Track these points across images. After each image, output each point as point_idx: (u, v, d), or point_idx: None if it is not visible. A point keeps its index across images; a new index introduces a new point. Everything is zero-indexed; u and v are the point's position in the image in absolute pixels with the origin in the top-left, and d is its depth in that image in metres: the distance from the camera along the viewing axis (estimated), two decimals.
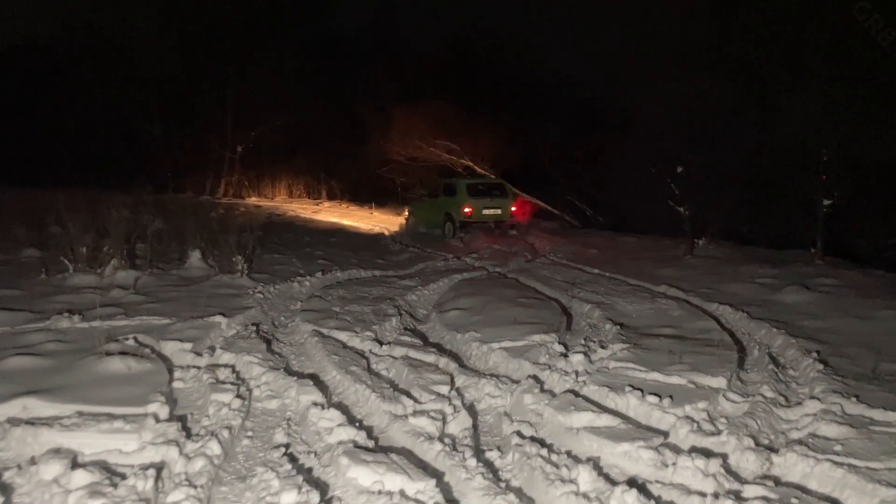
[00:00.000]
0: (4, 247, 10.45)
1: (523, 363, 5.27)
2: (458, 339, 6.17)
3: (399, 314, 7.11)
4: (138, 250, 10.11)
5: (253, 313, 6.63)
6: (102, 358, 4.41)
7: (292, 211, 23.65)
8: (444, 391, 4.61)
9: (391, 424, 4.00)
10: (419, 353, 5.46)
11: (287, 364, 5.12)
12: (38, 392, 3.78)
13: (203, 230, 10.12)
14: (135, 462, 3.20)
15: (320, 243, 13.61)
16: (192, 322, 5.82)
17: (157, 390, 4.00)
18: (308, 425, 3.89)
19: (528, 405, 4.42)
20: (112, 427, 3.41)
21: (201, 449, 3.30)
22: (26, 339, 5.05)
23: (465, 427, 4.06)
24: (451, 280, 9.54)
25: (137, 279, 7.68)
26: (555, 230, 18.36)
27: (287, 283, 8.42)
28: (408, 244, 14.78)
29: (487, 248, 13.93)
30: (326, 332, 6.01)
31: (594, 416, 4.07)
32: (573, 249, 13.75)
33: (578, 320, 7.14)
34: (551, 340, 5.82)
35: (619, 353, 5.40)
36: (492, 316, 6.80)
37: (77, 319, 5.72)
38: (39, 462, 2.96)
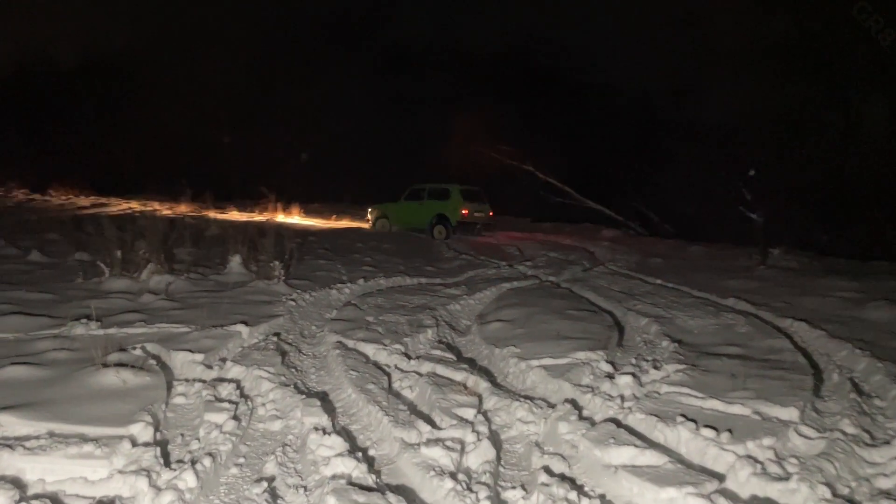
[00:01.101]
0: (59, 251, 10.53)
1: (563, 384, 4.70)
2: (496, 354, 5.64)
3: (437, 325, 6.62)
4: (186, 255, 10.03)
5: (280, 322, 6.27)
6: (99, 370, 4.09)
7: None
8: (469, 415, 4.09)
9: (401, 454, 3.52)
10: (448, 370, 4.96)
11: (302, 380, 4.70)
12: (17, 408, 3.46)
13: (247, 235, 9.89)
14: (96, 494, 2.83)
15: (371, 249, 13.29)
16: (210, 331, 5.49)
17: (148, 408, 3.64)
18: (306, 453, 3.45)
19: (563, 435, 3.86)
20: (81, 451, 3.04)
21: (174, 481, 2.89)
22: (33, 346, 4.81)
23: (487, 459, 3.53)
24: (500, 289, 9.00)
25: (170, 284, 7.46)
26: (618, 238, 17.56)
27: (325, 291, 8.06)
28: (462, 251, 14.31)
29: (543, 256, 13.35)
30: (352, 344, 5.59)
31: (637, 453, 3.47)
32: (635, 258, 13.00)
33: (632, 335, 6.49)
34: (597, 358, 5.22)
35: (673, 376, 4.75)
36: (536, 329, 6.24)
37: (94, 326, 5.48)
38: None
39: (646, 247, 15.12)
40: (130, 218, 14.05)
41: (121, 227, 8.48)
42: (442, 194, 18.30)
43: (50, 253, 10.10)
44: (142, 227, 8.39)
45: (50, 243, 11.53)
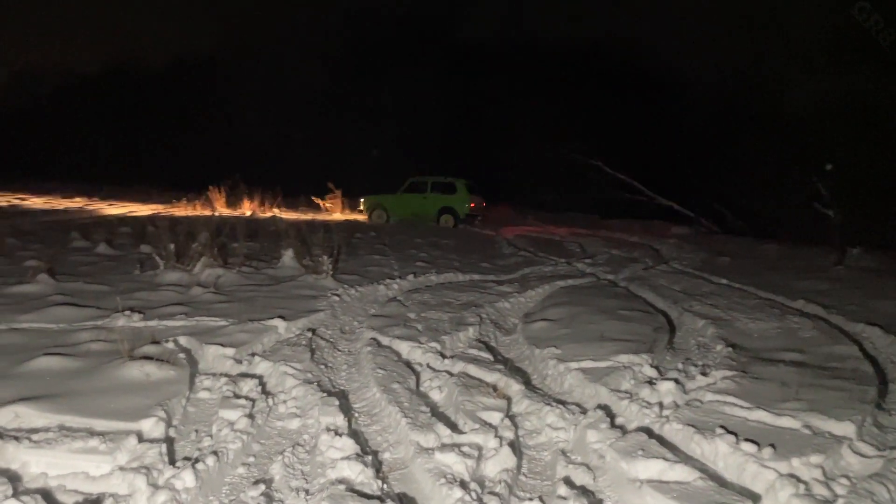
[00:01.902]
0: (126, 244, 10.90)
1: (600, 389, 4.45)
2: (536, 354, 5.42)
3: (480, 323, 6.44)
4: (244, 249, 10.20)
5: (320, 317, 6.22)
6: (125, 363, 4.12)
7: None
8: (495, 419, 3.90)
9: (414, 459, 3.37)
10: (481, 371, 4.78)
11: (330, 377, 4.62)
12: (36, 399, 3.50)
13: (300, 229, 9.97)
14: (93, 490, 2.80)
15: (429, 245, 13.21)
16: (247, 325, 5.49)
17: (164, 403, 3.62)
18: (316, 454, 3.35)
19: (591, 443, 3.62)
20: (86, 446, 3.03)
21: (172, 480, 2.84)
22: (73, 337, 4.91)
23: (506, 468, 3.33)
24: (553, 287, 8.73)
25: (220, 277, 7.56)
26: (686, 235, 16.89)
27: (373, 286, 7.99)
28: (521, 247, 14.05)
29: (605, 253, 12.95)
30: (386, 341, 5.48)
31: (666, 467, 3.21)
32: (702, 256, 12.43)
33: (686, 338, 6.13)
34: (641, 362, 4.93)
35: (720, 383, 4.42)
36: (581, 330, 5.98)
37: (136, 318, 5.57)
38: None
39: (715, 244, 14.45)
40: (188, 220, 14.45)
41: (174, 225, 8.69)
42: (448, 188, 19.64)
43: (118, 246, 10.46)
44: (198, 223, 8.54)
45: (120, 236, 11.98)
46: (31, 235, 11.90)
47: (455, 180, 19.83)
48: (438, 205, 19.55)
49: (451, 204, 19.44)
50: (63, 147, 35.13)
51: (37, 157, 34.64)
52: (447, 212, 19.46)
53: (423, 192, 19.81)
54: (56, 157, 34.36)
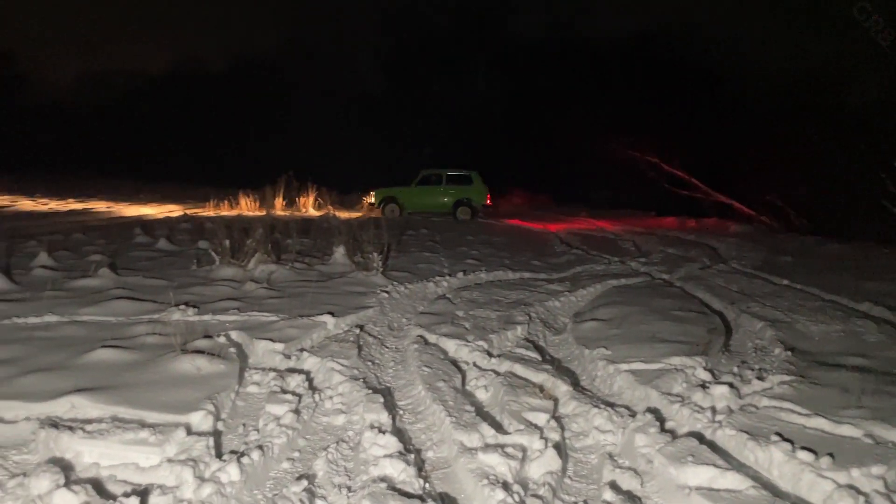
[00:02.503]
0: (185, 239, 11.22)
1: (650, 392, 4.34)
2: (585, 355, 5.33)
3: (529, 322, 6.37)
4: (297, 245, 10.38)
5: (369, 314, 6.26)
6: (178, 356, 4.22)
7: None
8: (541, 420, 3.84)
9: (457, 459, 3.34)
10: (528, 371, 4.72)
11: (377, 374, 4.63)
12: (92, 390, 3.62)
13: (352, 226, 10.06)
14: (142, 481, 2.87)
15: (480, 242, 13.17)
16: (297, 321, 5.56)
17: (213, 397, 3.69)
18: (359, 451, 3.35)
19: (640, 448, 3.53)
20: (136, 437, 3.11)
21: (217, 473, 2.88)
22: (129, 330, 5.06)
23: (551, 470, 3.28)
24: (605, 286, 8.57)
25: (272, 273, 7.69)
26: (746, 234, 16.38)
27: (422, 283, 8.00)
28: (574, 245, 13.87)
29: (660, 252, 12.66)
30: (434, 339, 5.47)
31: (717, 474, 3.09)
32: (762, 256, 12.02)
33: (743, 341, 5.93)
34: (694, 365, 4.79)
35: (777, 388, 4.25)
36: (632, 330, 5.85)
37: (191, 313, 5.71)
38: (32, 475, 2.70)
39: (776, 243, 13.97)
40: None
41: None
42: (464, 180, 19.70)
43: (177, 241, 10.77)
44: (252, 221, 8.70)
45: (179, 232, 12.33)
46: (97, 231, 12.37)
47: (470, 172, 19.81)
48: (455, 197, 19.54)
49: (468, 196, 19.49)
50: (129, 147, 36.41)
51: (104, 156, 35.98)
52: (464, 204, 19.47)
53: (438, 185, 19.78)
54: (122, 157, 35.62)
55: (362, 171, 31.04)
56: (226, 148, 34.78)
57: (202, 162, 34.75)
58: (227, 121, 37.52)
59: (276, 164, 29.88)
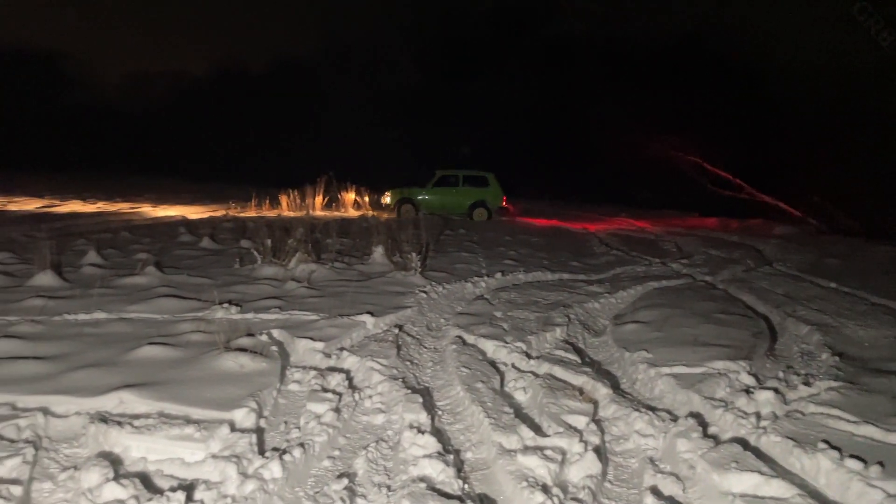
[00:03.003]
0: (227, 238, 11.42)
1: (693, 396, 4.27)
2: (626, 358, 5.27)
3: (568, 324, 6.33)
4: (337, 245, 10.49)
5: (407, 314, 6.29)
6: (221, 354, 4.29)
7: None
8: (580, 423, 3.82)
9: (496, 461, 3.34)
10: (567, 373, 4.69)
11: (415, 374, 4.65)
12: (139, 386, 3.71)
13: (390, 227, 10.12)
14: (187, 476, 2.93)
15: (518, 243, 13.12)
16: (337, 320, 5.61)
17: (256, 394, 3.75)
18: (399, 451, 3.37)
19: (681, 453, 3.48)
20: (182, 433, 3.18)
21: (260, 470, 2.93)
22: (175, 327, 5.17)
23: (590, 474, 3.25)
24: (646, 288, 8.46)
25: (313, 272, 7.77)
26: (792, 235, 16.00)
27: (460, 283, 8.01)
28: (613, 246, 13.72)
29: (703, 253, 12.46)
30: (472, 339, 5.47)
31: (762, 481, 3.03)
32: (809, 258, 11.73)
33: (788, 345, 5.80)
34: (738, 369, 4.70)
35: (824, 394, 4.15)
36: (674, 333, 5.77)
37: (234, 311, 5.81)
38: (83, 468, 2.78)
39: (823, 245, 13.63)
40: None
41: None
42: (480, 181, 19.60)
43: (220, 241, 10.97)
44: (292, 221, 8.82)
45: (222, 231, 12.56)
46: (143, 230, 12.67)
47: (486, 173, 19.75)
48: (471, 198, 19.44)
49: (485, 197, 19.42)
50: (174, 147, 37.22)
51: (150, 156, 36.84)
52: (480, 205, 19.37)
53: (454, 186, 19.66)
54: (167, 157, 36.41)
55: (399, 171, 31.26)
56: (266, 148, 35.32)
57: (244, 162, 35.35)
58: (267, 121, 38.12)
59: (315, 164, 30.22)
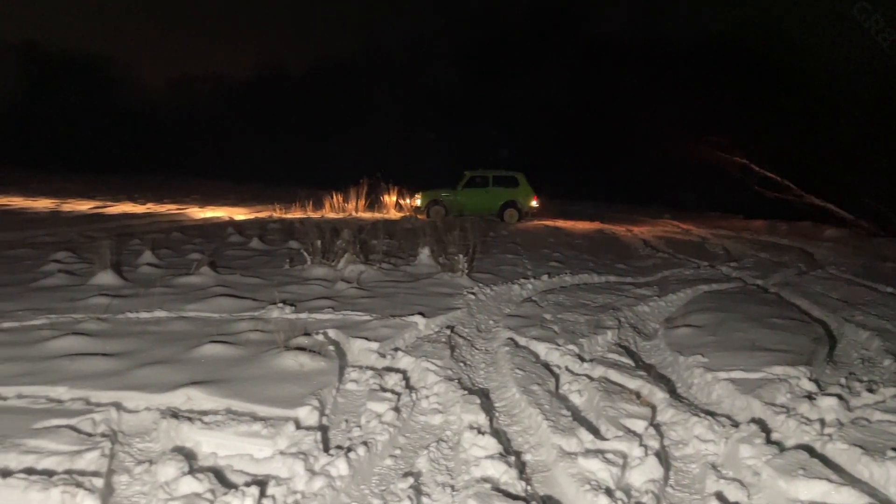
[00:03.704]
0: (275, 239, 11.62)
1: (753, 401, 4.21)
2: (680, 362, 5.22)
3: (619, 327, 6.28)
4: (382, 245, 10.59)
5: (457, 315, 6.32)
6: (281, 353, 4.38)
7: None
8: (639, 427, 3.79)
9: (556, 463, 3.34)
10: (622, 377, 4.66)
11: (469, 375, 4.68)
12: (205, 383, 3.81)
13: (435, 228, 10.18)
14: (257, 472, 3.00)
15: (562, 245, 13.07)
16: (389, 320, 5.68)
17: (317, 393, 3.82)
18: (459, 451, 3.40)
19: (745, 459, 3.43)
20: (250, 430, 3.26)
21: (327, 467, 2.99)
22: (233, 326, 5.29)
23: (652, 478, 3.24)
24: (696, 291, 8.36)
25: (362, 273, 7.86)
26: (843, 238, 15.61)
27: (507, 285, 8.01)
28: (659, 248, 13.57)
29: (752, 257, 12.26)
30: (524, 341, 5.47)
31: (830, 488, 2.98)
32: (863, 262, 11.44)
33: (848, 351, 5.67)
34: (798, 375, 4.61)
35: (890, 401, 4.05)
36: (729, 337, 5.68)
37: (288, 311, 5.91)
38: (159, 462, 2.87)
39: (878, 249, 13.26)
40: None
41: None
42: (510, 182, 19.43)
43: (268, 241, 11.17)
44: (337, 223, 8.93)
45: (269, 232, 12.78)
46: (193, 231, 12.96)
47: (516, 174, 19.58)
48: (502, 199, 19.26)
49: (515, 198, 19.24)
50: (218, 149, 37.96)
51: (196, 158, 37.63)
52: (511, 206, 19.19)
53: (484, 187, 19.49)
54: (212, 160, 37.15)
55: (440, 172, 31.36)
56: (307, 150, 35.77)
57: (285, 164, 35.86)
58: (307, 123, 38.60)
59: (356, 165, 30.53)
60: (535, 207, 19.59)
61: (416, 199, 20.12)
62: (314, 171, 31.28)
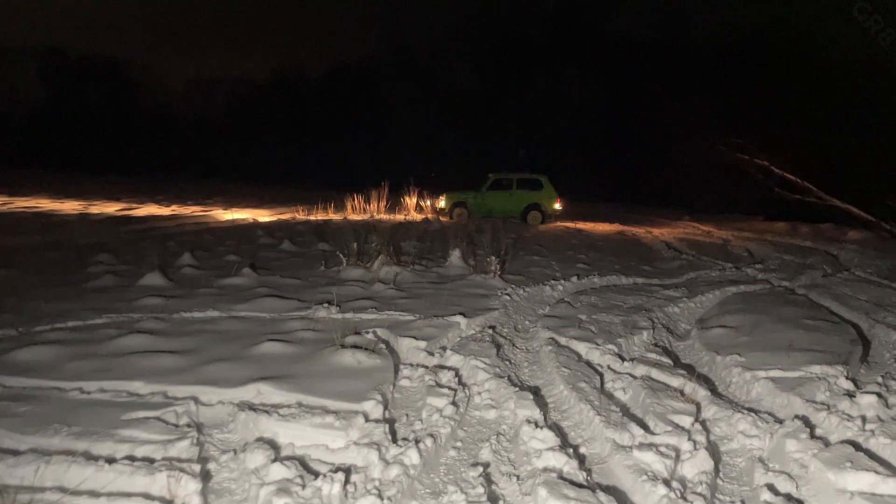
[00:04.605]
0: (305, 241, 11.86)
1: (793, 399, 4.35)
2: (717, 361, 5.36)
3: (653, 328, 6.44)
4: (412, 247, 10.80)
5: (495, 315, 6.50)
6: (338, 350, 4.58)
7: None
8: (686, 423, 3.95)
9: (612, 455, 3.51)
10: (664, 375, 4.82)
11: (515, 373, 4.86)
12: (273, 378, 4.01)
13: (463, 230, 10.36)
14: (335, 461, 3.19)
15: (585, 247, 13.21)
16: (432, 320, 5.86)
17: (378, 388, 4.01)
18: (518, 444, 3.58)
19: (791, 453, 3.58)
20: (323, 422, 3.45)
21: (400, 456, 3.17)
22: (285, 325, 5.50)
23: (703, 470, 3.39)
24: (724, 293, 8.48)
25: (397, 275, 8.06)
26: (866, 240, 15.64)
27: (538, 287, 8.18)
28: (682, 250, 13.68)
29: (776, 259, 12.34)
30: (564, 341, 5.64)
31: (878, 480, 3.13)
32: (888, 264, 11.50)
33: (881, 351, 5.80)
34: (836, 374, 4.75)
35: None
36: (763, 338, 5.82)
37: (334, 310, 6.11)
38: (247, 450, 3.07)
39: None
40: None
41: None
42: (534, 184, 19.62)
43: (298, 243, 11.40)
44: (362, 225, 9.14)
45: (298, 234, 13.02)
46: (222, 232, 13.22)
47: (539, 176, 19.79)
48: (525, 202, 19.43)
49: (539, 200, 19.42)
50: (238, 151, 38.36)
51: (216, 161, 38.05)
52: (534, 209, 19.39)
53: (508, 189, 19.63)
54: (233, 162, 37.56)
55: (460, 174, 31.56)
56: (327, 152, 36.10)
57: (305, 165, 36.19)
58: (327, 125, 38.91)
59: (377, 167, 30.80)
60: (559, 210, 19.74)
61: (441, 201, 20.27)
62: (334, 173, 31.55)
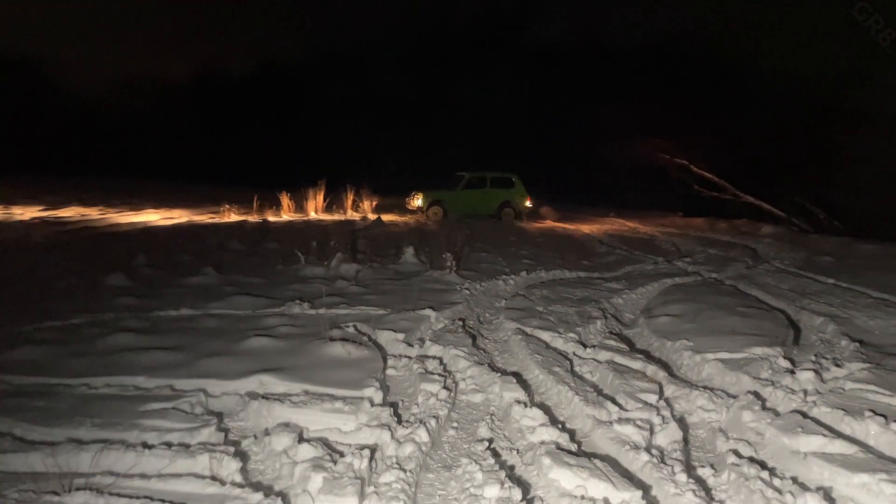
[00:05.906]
0: (251, 240, 11.85)
1: (742, 377, 4.87)
2: (668, 346, 5.87)
3: (604, 317, 6.93)
4: (360, 246, 10.99)
5: (460, 308, 6.83)
6: (327, 343, 4.80)
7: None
8: (652, 400, 4.40)
9: (595, 429, 3.90)
10: (625, 359, 5.27)
11: (491, 360, 5.20)
12: (273, 370, 4.21)
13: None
14: (352, 441, 3.44)
15: (525, 243, 13.71)
16: (404, 314, 6.14)
17: (373, 376, 4.27)
18: (511, 422, 3.92)
19: (747, 423, 4.07)
20: (333, 407, 3.69)
21: (411, 435, 3.46)
22: (264, 322, 5.66)
23: (675, 440, 3.83)
24: (662, 284, 9.11)
25: (358, 272, 8.27)
26: (779, 235, 16.83)
27: (492, 281, 8.57)
28: (615, 246, 14.39)
29: (703, 253, 13.15)
30: (529, 331, 6.03)
31: (826, 441, 3.64)
32: (801, 256, 12.48)
33: (808, 334, 6.45)
34: (775, 354, 5.32)
35: (857, 374, 4.78)
36: (706, 325, 6.38)
37: (307, 307, 6.30)
38: (272, 434, 3.29)
39: (812, 244, 14.42)
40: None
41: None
42: (506, 182, 20.18)
43: (246, 242, 11.40)
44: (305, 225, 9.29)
45: (242, 233, 12.97)
46: (164, 233, 13.02)
47: (511, 175, 20.34)
48: (498, 200, 20.00)
49: (511, 198, 20.05)
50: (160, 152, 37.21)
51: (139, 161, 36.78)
52: (507, 206, 20.00)
53: (482, 188, 20.12)
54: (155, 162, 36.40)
55: (390, 173, 31.74)
56: (253, 150, 35.55)
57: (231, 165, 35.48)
58: (254, 124, 38.31)
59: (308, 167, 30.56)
60: (529, 207, 20.36)
61: (416, 200, 20.31)
62: (264, 172, 31.13)
